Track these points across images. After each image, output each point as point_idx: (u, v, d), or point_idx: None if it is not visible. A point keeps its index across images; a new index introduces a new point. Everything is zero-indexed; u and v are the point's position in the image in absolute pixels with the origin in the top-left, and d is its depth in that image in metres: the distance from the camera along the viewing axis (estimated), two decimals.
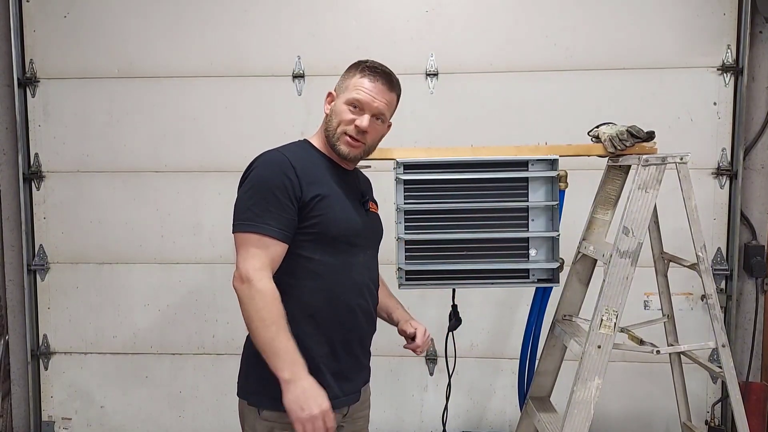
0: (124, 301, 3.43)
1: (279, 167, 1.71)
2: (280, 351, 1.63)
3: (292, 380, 1.62)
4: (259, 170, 1.73)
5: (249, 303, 1.64)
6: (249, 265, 1.65)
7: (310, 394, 1.62)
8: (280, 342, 1.63)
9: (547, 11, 3.20)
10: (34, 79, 3.36)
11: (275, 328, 1.63)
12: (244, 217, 1.69)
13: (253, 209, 1.68)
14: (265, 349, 1.64)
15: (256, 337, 1.65)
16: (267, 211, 1.67)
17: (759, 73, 3.19)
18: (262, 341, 1.64)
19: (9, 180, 3.41)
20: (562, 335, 2.49)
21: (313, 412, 1.60)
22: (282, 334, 1.63)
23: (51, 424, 3.51)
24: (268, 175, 1.71)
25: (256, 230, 1.67)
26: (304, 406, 1.60)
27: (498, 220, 2.25)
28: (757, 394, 3.16)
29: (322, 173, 1.81)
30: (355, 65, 1.88)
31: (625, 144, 2.27)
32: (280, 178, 1.70)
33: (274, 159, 1.74)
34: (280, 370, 1.62)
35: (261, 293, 1.63)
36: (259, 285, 1.64)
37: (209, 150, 3.34)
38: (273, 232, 1.68)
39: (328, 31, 3.27)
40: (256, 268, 1.65)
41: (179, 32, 3.31)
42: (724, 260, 3.23)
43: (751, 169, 3.23)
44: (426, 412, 3.39)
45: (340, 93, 1.85)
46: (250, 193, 1.70)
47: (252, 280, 1.64)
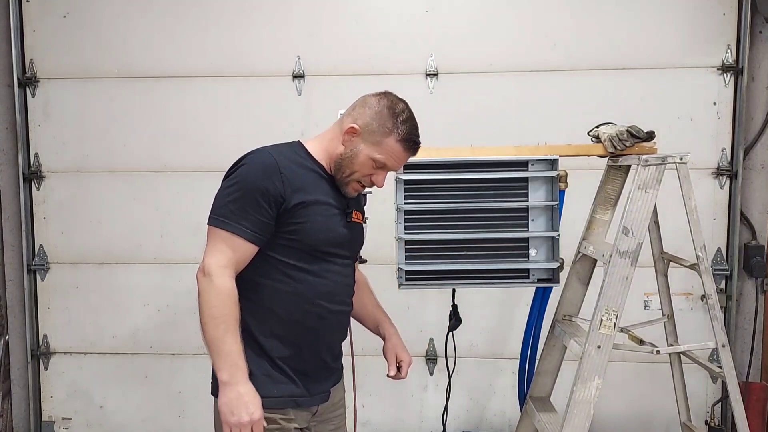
0: (123, 301, 3.43)
1: (266, 170, 1.69)
2: (223, 352, 1.63)
3: (229, 383, 1.63)
4: (246, 168, 1.71)
5: (204, 297, 1.65)
6: (213, 260, 1.66)
7: (244, 400, 1.62)
8: (225, 343, 1.63)
9: (547, 11, 3.20)
10: (34, 79, 3.36)
11: (224, 328, 1.63)
12: (220, 213, 1.69)
13: (230, 206, 1.68)
14: (211, 347, 1.65)
15: (205, 332, 1.65)
16: (244, 211, 1.66)
17: (759, 73, 3.19)
18: (209, 338, 1.64)
19: (9, 180, 3.41)
20: (562, 335, 2.49)
21: (242, 419, 1.62)
22: (229, 335, 1.64)
23: (51, 424, 3.51)
24: (253, 176, 1.69)
25: (229, 228, 1.66)
26: (234, 411, 1.62)
27: (498, 220, 2.25)
28: (757, 394, 3.15)
29: (311, 180, 1.77)
30: (392, 117, 1.78)
31: (625, 144, 2.27)
32: (265, 181, 1.67)
33: (263, 161, 1.71)
34: (220, 371, 1.64)
35: (217, 290, 1.64)
36: (218, 281, 1.64)
37: (209, 150, 3.34)
38: (245, 234, 1.67)
39: (328, 31, 3.27)
40: (219, 264, 1.65)
41: (179, 32, 3.31)
42: (724, 260, 3.23)
43: (751, 169, 3.23)
44: (426, 412, 3.39)
45: (368, 139, 1.76)
46: (232, 189, 1.69)
47: (212, 275, 1.64)
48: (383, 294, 3.10)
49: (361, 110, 1.79)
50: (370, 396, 3.34)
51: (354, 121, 1.78)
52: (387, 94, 1.83)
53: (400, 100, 1.83)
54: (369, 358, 3.32)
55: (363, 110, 1.79)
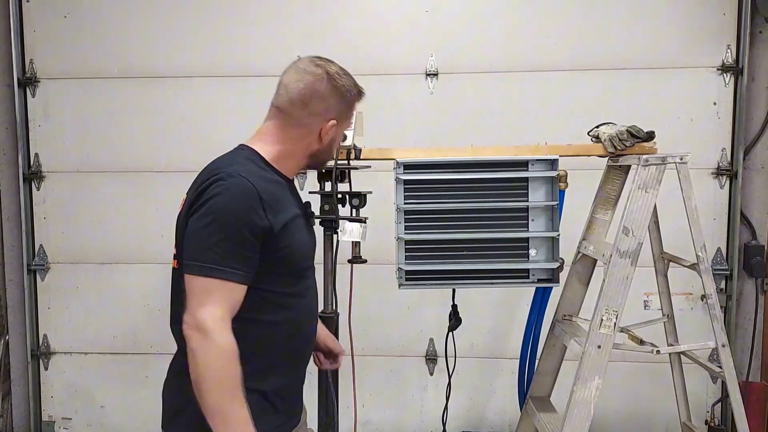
0: (124, 301, 3.43)
1: (247, 199, 1.47)
2: (232, 420, 1.42)
3: None
4: (223, 200, 1.47)
5: (203, 360, 1.41)
6: (207, 313, 1.42)
7: None
8: (234, 410, 1.42)
9: (547, 11, 3.20)
10: (34, 79, 3.36)
11: (230, 393, 1.42)
12: (206, 258, 1.44)
13: (215, 249, 1.44)
14: (215, 416, 1.41)
15: (207, 397, 1.41)
16: (232, 252, 1.45)
17: (759, 73, 3.19)
18: (213, 405, 1.41)
19: (9, 180, 3.41)
20: (562, 335, 2.49)
21: None
22: (237, 401, 1.43)
23: (51, 424, 3.51)
24: (234, 209, 1.46)
25: (220, 275, 1.44)
26: None
27: (498, 220, 2.25)
28: (757, 394, 3.15)
29: (283, 194, 1.61)
30: (351, 89, 1.69)
31: (625, 144, 2.27)
32: (249, 212, 1.47)
33: (241, 189, 1.48)
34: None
35: (220, 350, 1.41)
36: (219, 339, 1.41)
37: (209, 150, 3.27)
38: (237, 277, 1.46)
39: (327, 31, 3.26)
40: (216, 318, 1.42)
41: (179, 32, 3.30)
42: (724, 260, 3.23)
43: (751, 169, 3.23)
44: (426, 412, 3.39)
45: (342, 120, 1.70)
46: (214, 228, 1.45)
47: (210, 331, 1.41)
48: (383, 294, 3.12)
49: (322, 104, 1.65)
50: (370, 396, 3.34)
51: (327, 118, 1.65)
52: (311, 71, 1.68)
53: (330, 64, 1.70)
54: (369, 357, 3.33)
55: (325, 102, 1.65)
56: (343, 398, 2.01)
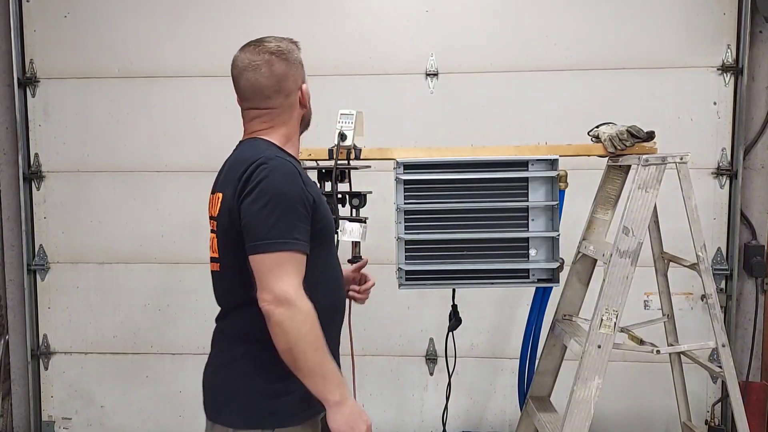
0: (124, 301, 3.43)
1: (292, 176, 1.62)
2: (328, 374, 1.58)
3: (342, 401, 1.59)
4: (272, 180, 1.60)
5: (294, 326, 1.53)
6: (287, 284, 1.54)
7: (357, 412, 1.62)
8: (328, 364, 1.59)
9: (547, 11, 3.20)
10: (34, 79, 3.36)
11: (321, 351, 1.57)
12: (273, 235, 1.56)
13: (279, 225, 1.57)
14: (314, 373, 1.57)
15: (304, 361, 1.55)
16: (293, 225, 1.58)
17: (759, 73, 3.19)
18: (310, 366, 1.56)
19: (9, 180, 3.41)
20: (563, 335, 2.49)
21: (362, 429, 1.62)
22: (327, 356, 1.59)
23: (51, 424, 3.51)
24: (285, 186, 1.60)
25: (289, 248, 1.57)
26: (354, 426, 1.60)
27: (498, 220, 2.25)
28: (757, 394, 3.16)
29: (306, 173, 1.75)
30: (294, 51, 1.87)
31: (625, 144, 2.27)
32: (296, 188, 1.61)
33: (284, 168, 1.63)
34: (330, 393, 1.58)
35: (305, 315, 1.55)
36: (303, 306, 1.55)
37: (209, 150, 3.33)
38: (302, 247, 1.59)
39: (327, 31, 3.26)
40: (295, 287, 1.55)
41: (179, 32, 3.31)
42: (724, 260, 3.23)
43: (751, 169, 3.23)
44: (426, 412, 3.39)
45: (303, 81, 1.86)
46: (270, 208, 1.57)
47: (294, 301, 1.54)
48: (383, 294, 3.11)
49: (287, 80, 1.82)
50: (370, 396, 3.34)
51: (299, 85, 1.85)
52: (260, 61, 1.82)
53: (265, 46, 1.84)
54: (369, 357, 3.33)
55: (288, 77, 1.82)
56: None
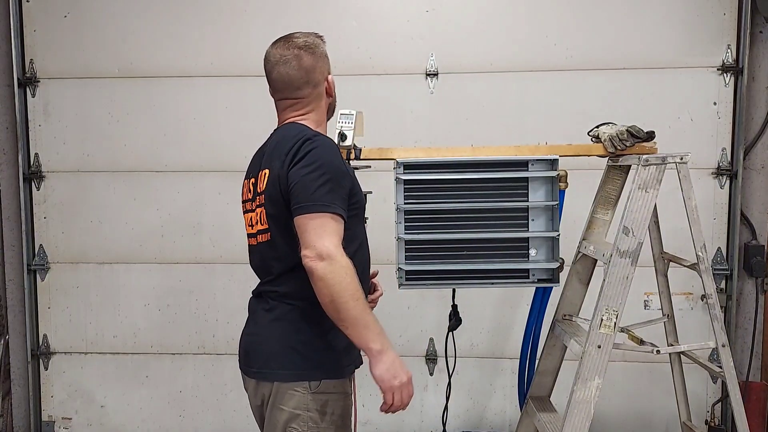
0: (124, 301, 3.43)
1: (337, 153, 1.78)
2: (369, 323, 1.67)
3: (383, 350, 1.67)
4: (322, 152, 1.74)
5: (336, 279, 1.63)
6: (328, 242, 1.65)
7: (398, 362, 1.70)
8: (369, 314, 1.68)
9: (547, 11, 3.20)
10: (34, 79, 3.36)
11: (363, 302, 1.67)
12: (317, 198, 1.70)
13: (323, 189, 1.70)
14: (356, 323, 1.66)
15: (346, 311, 1.65)
16: (334, 192, 1.71)
17: (759, 73, 3.19)
18: (352, 315, 1.65)
19: (9, 180, 3.41)
20: (563, 335, 2.49)
21: (403, 379, 1.70)
22: (367, 307, 1.69)
23: (51, 424, 3.51)
24: (332, 158, 1.75)
25: (331, 210, 1.69)
26: (395, 374, 1.69)
27: (498, 220, 2.25)
28: (757, 394, 3.16)
29: None
30: (321, 44, 1.96)
31: (625, 144, 2.27)
32: (340, 161, 1.77)
33: (330, 143, 1.79)
34: (372, 341, 1.67)
35: (346, 269, 1.65)
36: (343, 261, 1.65)
37: (209, 150, 3.34)
38: (342, 212, 1.71)
39: (328, 31, 3.22)
40: (336, 245, 1.66)
41: (179, 32, 3.31)
42: (724, 260, 3.23)
43: (751, 169, 3.23)
44: (426, 412, 3.39)
45: (328, 72, 1.95)
46: (319, 173, 1.71)
47: (335, 256, 1.64)
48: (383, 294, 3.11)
49: (315, 72, 1.90)
50: (370, 396, 3.32)
51: (326, 75, 1.93)
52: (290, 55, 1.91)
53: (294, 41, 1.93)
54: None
55: (316, 68, 1.90)
56: None
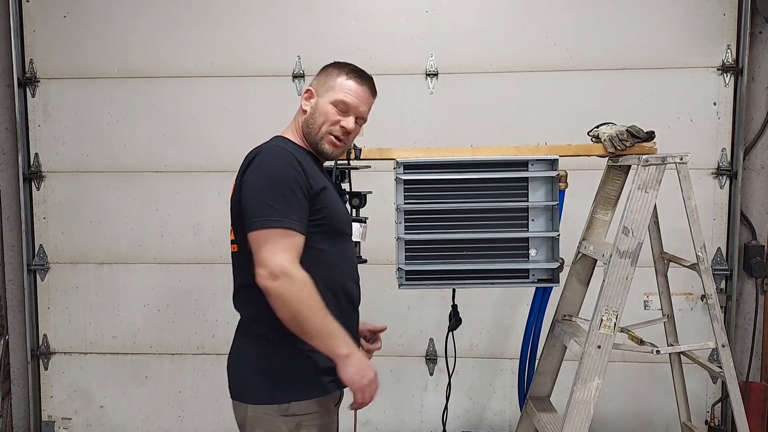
0: (123, 301, 3.43)
1: (290, 163, 1.73)
2: (332, 331, 1.68)
3: (350, 354, 1.70)
4: (270, 165, 1.72)
5: (293, 296, 1.64)
6: (281, 259, 1.64)
7: (365, 362, 1.73)
8: (331, 323, 1.68)
9: (547, 11, 3.20)
10: (34, 79, 3.36)
11: (323, 312, 1.67)
12: (267, 214, 1.67)
13: (274, 204, 1.68)
14: (320, 334, 1.68)
15: (309, 324, 1.66)
16: (288, 205, 1.68)
17: (759, 73, 3.19)
18: (316, 327, 1.67)
19: (9, 180, 3.41)
20: (562, 335, 2.49)
21: (371, 376, 1.73)
22: (328, 316, 1.69)
23: (51, 424, 3.51)
24: (282, 171, 1.71)
25: (283, 225, 1.67)
26: (364, 373, 1.72)
27: (498, 220, 2.25)
28: (757, 394, 3.16)
29: (313, 167, 1.82)
30: (336, 66, 1.89)
31: (625, 144, 2.27)
32: (292, 172, 1.71)
33: (281, 154, 1.75)
34: (338, 347, 1.69)
35: (304, 282, 1.65)
36: (298, 275, 1.65)
37: (209, 150, 3.34)
38: (296, 226, 1.69)
39: (327, 31, 3.27)
40: (290, 261, 1.65)
41: (179, 32, 3.31)
42: (724, 260, 3.23)
43: (751, 169, 3.23)
44: (426, 412, 3.39)
45: (322, 92, 1.85)
46: (266, 189, 1.69)
47: (289, 272, 1.64)
48: (383, 294, 3.12)
49: (311, 80, 1.93)
50: None
51: (308, 88, 1.91)
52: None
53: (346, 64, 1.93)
54: None
55: (313, 79, 1.92)
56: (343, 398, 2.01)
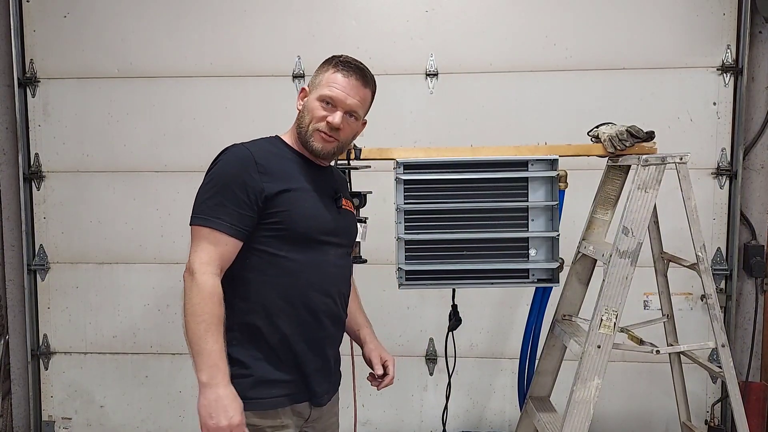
0: (124, 301, 3.43)
1: (241, 162, 1.69)
2: (203, 351, 1.59)
3: (209, 385, 1.58)
4: (221, 164, 1.72)
5: (187, 295, 1.62)
6: (196, 258, 1.64)
7: (223, 403, 1.57)
8: (206, 342, 1.59)
9: (547, 11, 3.20)
10: (34, 79, 3.36)
11: (204, 327, 1.59)
12: (199, 211, 1.67)
13: (208, 203, 1.66)
14: (191, 346, 1.61)
15: (187, 330, 1.62)
16: (222, 206, 1.65)
17: (759, 73, 3.19)
18: (190, 336, 1.61)
19: (9, 180, 3.41)
20: (562, 335, 2.49)
21: (220, 423, 1.56)
22: (210, 334, 1.59)
23: (51, 424, 3.51)
24: (228, 170, 1.69)
25: (209, 224, 1.65)
26: (213, 414, 1.57)
27: (498, 220, 2.25)
28: (756, 394, 3.16)
29: (291, 168, 1.77)
30: (328, 60, 1.84)
31: (625, 144, 2.27)
32: (242, 173, 1.67)
33: (237, 154, 1.72)
34: (199, 371, 1.59)
35: (199, 288, 1.61)
36: (200, 279, 1.62)
37: (209, 150, 3.27)
38: (225, 228, 1.65)
39: (327, 31, 3.27)
40: (202, 262, 1.63)
41: (179, 32, 3.31)
42: (723, 260, 3.23)
43: (751, 169, 3.23)
44: (426, 412, 3.39)
45: (313, 89, 1.81)
46: (208, 186, 1.69)
47: (195, 273, 1.62)
48: (383, 294, 3.13)
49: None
50: (370, 396, 3.34)
51: (302, 87, 1.88)
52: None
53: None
54: None
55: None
56: (343, 398, 2.01)
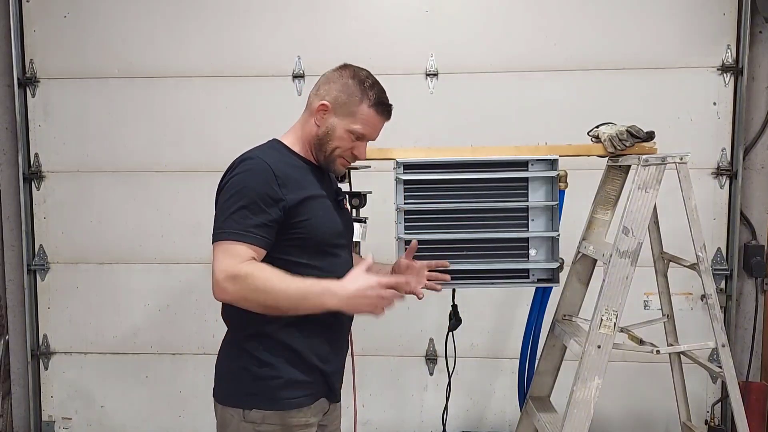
0: (124, 301, 3.43)
1: (262, 176, 1.68)
2: (308, 293, 1.62)
3: (338, 294, 1.62)
4: (241, 177, 1.69)
5: (251, 288, 1.60)
6: (226, 265, 1.61)
7: (354, 286, 1.63)
8: (298, 288, 1.62)
9: (547, 11, 3.20)
10: (34, 79, 3.36)
11: (287, 283, 1.61)
12: (227, 226, 1.65)
13: (234, 217, 1.65)
14: (299, 304, 1.62)
15: (283, 303, 1.62)
16: (248, 219, 1.64)
17: (759, 73, 3.19)
18: (292, 301, 1.62)
19: (9, 180, 3.41)
20: (562, 335, 2.49)
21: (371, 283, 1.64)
22: (295, 282, 1.62)
23: (51, 424, 3.51)
24: (251, 183, 1.67)
25: (239, 239, 1.63)
26: (364, 294, 1.64)
27: (498, 220, 2.24)
28: (757, 394, 3.15)
29: (303, 177, 1.78)
30: (360, 86, 1.80)
31: (625, 144, 2.27)
32: (263, 186, 1.67)
33: (256, 167, 1.70)
34: (326, 303, 1.62)
35: (252, 276, 1.60)
36: (246, 269, 1.60)
37: (209, 150, 3.34)
38: (254, 240, 1.65)
39: (328, 31, 3.27)
40: (229, 265, 1.61)
41: (179, 32, 3.31)
42: (724, 260, 3.23)
43: (751, 169, 3.23)
44: (426, 412, 3.39)
45: (340, 113, 1.79)
46: (232, 201, 1.67)
47: (237, 272, 1.60)
48: None
49: (326, 87, 1.82)
50: (370, 396, 3.34)
51: (322, 99, 1.80)
52: (346, 66, 1.85)
53: (362, 69, 1.85)
54: (369, 357, 3.34)
55: (328, 86, 1.81)
56: (343, 398, 2.01)
